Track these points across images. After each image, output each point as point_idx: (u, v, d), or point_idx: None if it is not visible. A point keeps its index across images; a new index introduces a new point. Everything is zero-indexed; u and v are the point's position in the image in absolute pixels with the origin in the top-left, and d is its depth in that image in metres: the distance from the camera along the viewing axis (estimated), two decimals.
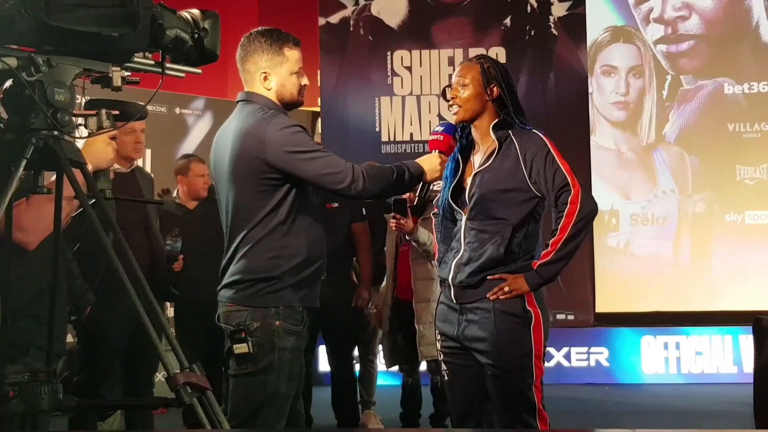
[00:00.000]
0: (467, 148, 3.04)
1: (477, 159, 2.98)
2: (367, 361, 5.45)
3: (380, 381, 5.62)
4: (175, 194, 5.25)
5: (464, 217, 2.94)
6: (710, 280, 7.73)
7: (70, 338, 5.15)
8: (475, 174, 2.94)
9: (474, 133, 3.00)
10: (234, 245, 2.73)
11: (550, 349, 7.28)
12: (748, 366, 7.20)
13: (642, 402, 6.58)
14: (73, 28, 1.75)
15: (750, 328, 4.21)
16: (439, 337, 3.04)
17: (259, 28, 2.83)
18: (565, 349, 7.54)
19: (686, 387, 7.20)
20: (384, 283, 5.18)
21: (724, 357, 7.42)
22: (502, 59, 7.86)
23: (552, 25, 7.92)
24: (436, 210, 3.26)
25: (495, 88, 2.95)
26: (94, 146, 2.20)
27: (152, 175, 4.61)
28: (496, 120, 2.95)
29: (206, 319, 3.57)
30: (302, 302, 2.74)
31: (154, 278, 4.09)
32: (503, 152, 2.92)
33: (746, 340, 7.12)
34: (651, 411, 6.20)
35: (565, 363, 7.56)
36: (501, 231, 2.87)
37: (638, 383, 7.37)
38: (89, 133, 1.98)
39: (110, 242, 1.82)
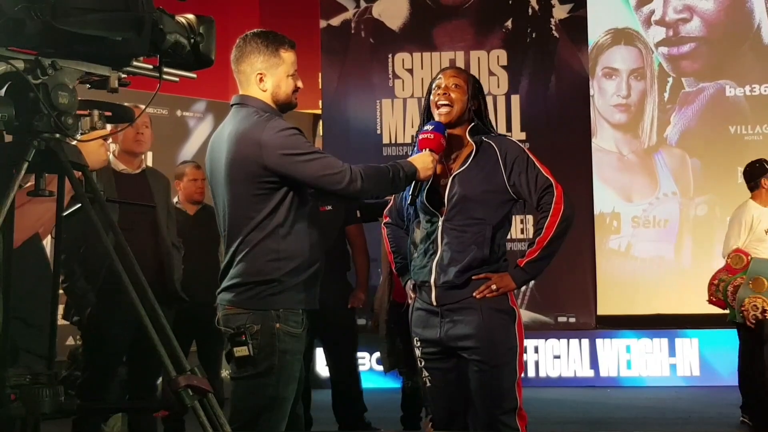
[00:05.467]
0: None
1: (452, 162, 3.03)
2: None
3: (380, 384, 5.62)
4: (176, 199, 5.27)
5: (441, 219, 2.97)
6: None
7: (71, 340, 5.16)
8: (454, 176, 2.98)
9: (448, 137, 3.01)
10: (233, 249, 2.73)
11: None
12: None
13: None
14: (79, 32, 1.75)
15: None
16: (418, 343, 3.05)
17: (255, 30, 2.83)
18: None
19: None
20: (380, 286, 5.17)
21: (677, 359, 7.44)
22: (504, 61, 7.88)
23: (553, 28, 7.92)
24: (387, 219, 3.27)
25: (476, 102, 3.06)
26: (87, 147, 2.20)
27: (168, 178, 4.48)
28: (472, 125, 3.03)
29: (203, 323, 3.56)
30: (302, 304, 2.74)
31: (162, 281, 4.06)
32: (481, 155, 2.99)
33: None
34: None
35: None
36: (482, 231, 2.93)
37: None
38: (81, 133, 1.97)
39: (112, 244, 1.83)
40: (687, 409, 6.35)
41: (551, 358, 7.55)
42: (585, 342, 7.55)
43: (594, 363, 7.52)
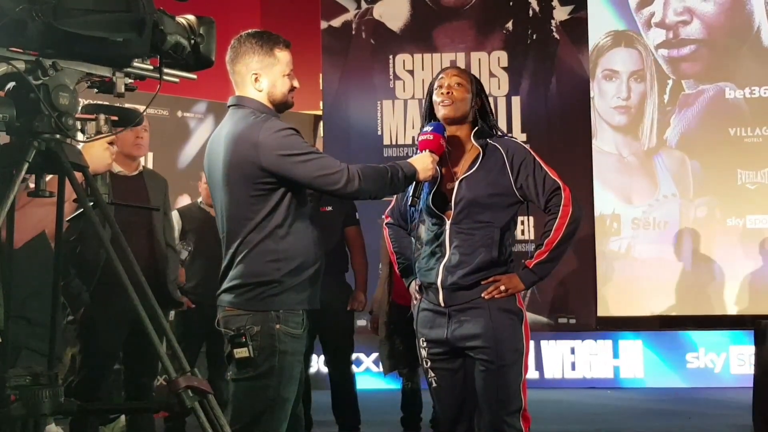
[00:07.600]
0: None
1: (458, 165, 3.01)
2: None
3: (380, 385, 5.62)
4: (200, 199, 5.34)
5: (448, 222, 2.96)
6: (712, 284, 7.72)
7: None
8: (461, 180, 2.97)
9: (452, 139, 3.00)
10: (232, 250, 2.73)
11: None
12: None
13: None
14: (80, 33, 1.76)
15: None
16: (424, 344, 3.04)
17: (249, 31, 2.82)
18: None
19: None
20: (378, 288, 5.16)
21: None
22: (504, 63, 7.88)
23: (554, 29, 7.93)
24: (389, 219, 3.26)
25: (479, 101, 3.04)
26: (91, 151, 2.20)
27: (165, 179, 4.46)
28: (477, 128, 3.02)
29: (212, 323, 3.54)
30: (302, 305, 2.73)
31: (158, 283, 4.05)
32: (487, 158, 2.98)
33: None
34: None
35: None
36: (490, 234, 2.93)
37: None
38: (87, 138, 1.97)
39: (110, 245, 1.83)
40: (689, 411, 6.36)
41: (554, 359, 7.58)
42: (586, 343, 7.56)
43: (595, 364, 7.53)
